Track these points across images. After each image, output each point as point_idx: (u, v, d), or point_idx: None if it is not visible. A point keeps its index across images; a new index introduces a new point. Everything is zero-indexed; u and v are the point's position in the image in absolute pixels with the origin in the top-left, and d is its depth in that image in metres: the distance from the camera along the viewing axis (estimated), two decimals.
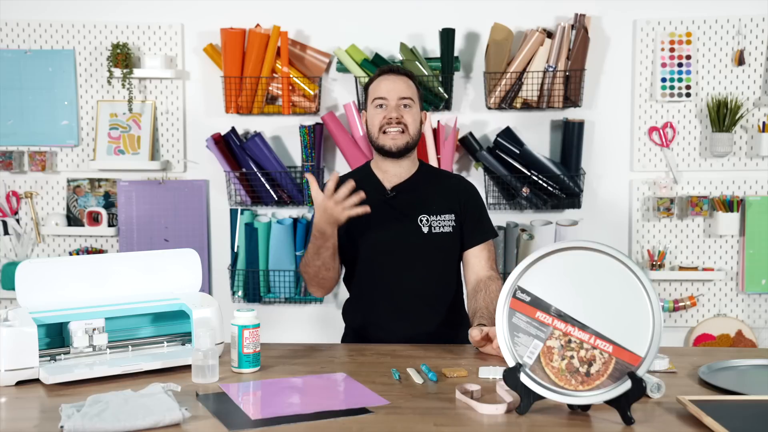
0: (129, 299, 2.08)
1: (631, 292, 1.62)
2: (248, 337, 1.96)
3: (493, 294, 2.29)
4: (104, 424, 1.54)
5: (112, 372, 1.91)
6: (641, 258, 3.44)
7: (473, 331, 2.11)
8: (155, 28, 3.48)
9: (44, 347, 1.95)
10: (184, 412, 1.60)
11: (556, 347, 1.63)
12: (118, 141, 3.48)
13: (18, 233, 3.54)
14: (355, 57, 3.34)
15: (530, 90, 3.31)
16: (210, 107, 3.50)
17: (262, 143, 3.38)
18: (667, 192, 3.38)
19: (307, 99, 3.40)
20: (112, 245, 3.55)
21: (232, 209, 3.48)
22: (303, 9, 3.44)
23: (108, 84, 3.45)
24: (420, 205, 2.39)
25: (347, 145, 3.36)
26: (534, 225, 3.40)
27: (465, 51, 3.43)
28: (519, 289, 1.68)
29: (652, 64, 3.39)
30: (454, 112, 3.42)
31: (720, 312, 3.45)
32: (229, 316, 2.02)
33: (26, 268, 2.01)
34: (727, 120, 3.31)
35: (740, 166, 3.41)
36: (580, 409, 1.66)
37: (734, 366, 1.99)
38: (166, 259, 2.20)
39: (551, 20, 3.37)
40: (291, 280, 3.44)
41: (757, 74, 3.38)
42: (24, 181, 3.54)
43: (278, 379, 1.92)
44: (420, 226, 2.37)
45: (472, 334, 2.11)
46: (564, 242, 1.68)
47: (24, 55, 3.49)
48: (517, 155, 3.32)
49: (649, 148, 3.42)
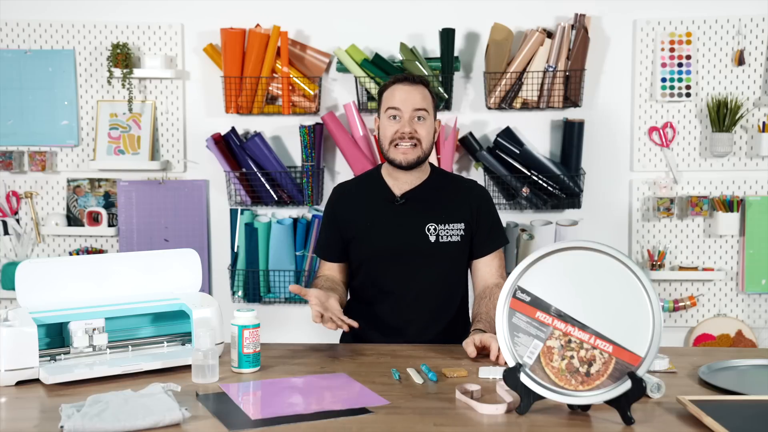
0: (129, 299, 2.08)
1: (631, 292, 1.62)
2: (248, 337, 1.96)
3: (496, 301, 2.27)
4: (104, 424, 1.54)
5: (112, 372, 1.91)
6: (641, 258, 3.44)
7: (468, 348, 2.07)
8: (155, 28, 3.48)
9: (44, 347, 1.95)
10: (184, 412, 1.60)
11: (556, 347, 1.64)
12: (118, 141, 3.48)
13: (18, 233, 3.54)
14: (355, 57, 3.34)
15: (530, 90, 3.31)
16: (210, 107, 3.50)
17: (262, 143, 3.38)
18: (667, 192, 3.38)
19: (307, 99, 3.40)
20: (112, 245, 3.55)
21: (232, 209, 3.48)
22: (303, 9, 3.44)
23: (108, 84, 3.45)
24: (429, 213, 2.35)
25: (347, 145, 3.36)
26: (534, 225, 3.40)
27: (465, 51, 3.43)
28: (519, 289, 1.68)
29: (652, 64, 3.39)
30: (454, 112, 3.42)
31: (720, 312, 3.45)
32: (229, 316, 2.02)
33: (26, 268, 2.01)
34: (727, 120, 3.31)
35: (740, 166, 3.41)
36: (580, 409, 1.66)
37: (734, 366, 1.99)
38: (166, 259, 2.20)
39: (551, 20, 3.37)
40: (291, 280, 3.44)
41: (757, 74, 3.38)
42: (24, 181, 3.54)
43: (278, 379, 1.92)
44: (427, 234, 2.34)
45: (468, 351, 2.07)
46: (564, 242, 1.68)
47: (24, 55, 3.49)
48: (517, 155, 3.32)
49: (649, 148, 3.42)
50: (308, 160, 3.37)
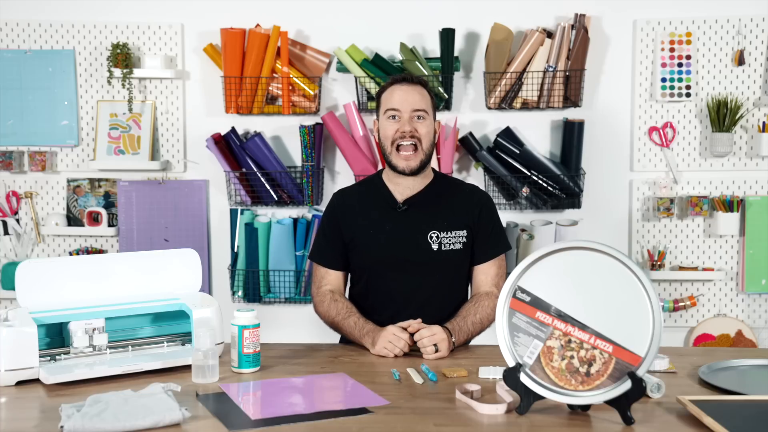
0: (129, 299, 2.08)
1: (631, 292, 1.62)
2: (248, 337, 1.96)
3: (479, 308, 2.28)
4: (104, 424, 1.54)
5: (112, 372, 1.91)
6: (641, 258, 3.44)
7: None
8: (155, 28, 3.48)
9: (44, 347, 1.95)
10: (184, 412, 1.61)
11: (556, 347, 1.64)
12: (118, 141, 3.48)
13: (18, 233, 3.54)
14: (355, 57, 3.34)
15: (530, 90, 3.31)
16: (210, 107, 3.50)
17: (262, 143, 3.38)
18: (667, 192, 3.38)
19: (307, 99, 3.41)
20: (112, 245, 3.55)
21: (232, 209, 3.48)
22: (303, 9, 3.44)
23: (108, 84, 3.45)
24: (431, 220, 2.33)
25: (347, 145, 3.36)
26: (534, 225, 3.40)
27: (465, 51, 3.43)
28: (519, 289, 1.68)
29: (652, 64, 3.40)
30: (454, 112, 3.42)
31: (720, 312, 3.45)
32: (229, 316, 2.02)
33: (26, 268, 2.02)
34: (727, 120, 3.31)
35: (740, 166, 3.41)
36: (580, 409, 1.66)
37: (734, 366, 1.99)
38: (166, 259, 2.20)
39: (551, 20, 3.37)
40: (291, 280, 3.44)
41: (757, 74, 3.38)
42: (24, 181, 3.54)
43: (278, 379, 1.92)
44: (430, 242, 2.31)
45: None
46: (564, 242, 1.68)
47: (24, 55, 3.49)
48: (517, 155, 3.32)
49: (649, 148, 3.42)
50: (308, 160, 3.37)
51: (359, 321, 2.26)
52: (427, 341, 2.11)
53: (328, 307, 2.32)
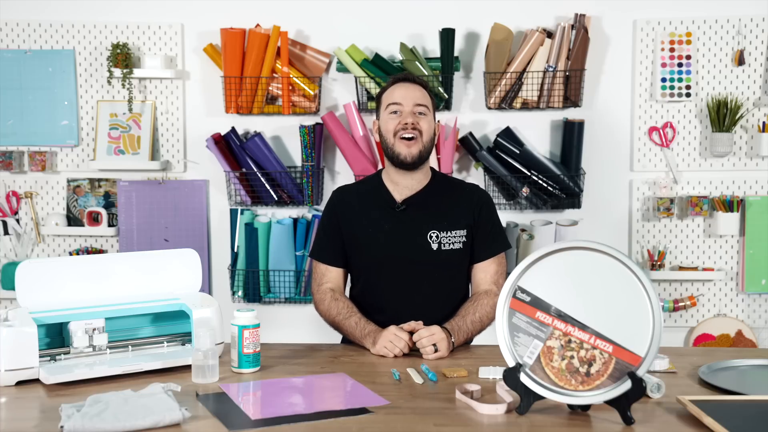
0: (129, 299, 2.08)
1: (631, 292, 1.62)
2: (248, 337, 1.96)
3: (479, 307, 2.27)
4: (104, 424, 1.54)
5: (112, 372, 1.91)
6: (641, 258, 3.44)
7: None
8: (155, 28, 3.48)
9: (44, 347, 1.95)
10: (184, 412, 1.61)
11: (556, 347, 1.64)
12: (118, 141, 3.48)
13: (18, 233, 3.54)
14: (355, 57, 3.34)
15: (530, 90, 3.31)
16: (210, 107, 3.50)
17: (262, 143, 3.38)
18: (667, 192, 3.38)
19: (307, 99, 3.41)
20: (112, 245, 3.55)
21: (232, 209, 3.48)
22: (303, 9, 3.44)
23: (108, 84, 3.45)
24: (431, 220, 2.32)
25: (347, 145, 3.36)
26: (534, 225, 3.40)
27: (465, 51, 3.43)
28: (519, 289, 1.68)
29: (652, 64, 3.40)
30: (454, 112, 3.42)
31: (720, 312, 3.45)
32: (229, 316, 2.02)
33: (26, 268, 2.01)
34: (727, 120, 3.31)
35: (740, 166, 3.41)
36: (580, 409, 1.66)
37: (734, 366, 1.99)
38: (166, 259, 2.20)
39: (551, 20, 3.37)
40: (291, 280, 3.44)
41: (757, 74, 3.38)
42: (24, 181, 3.54)
43: (278, 379, 1.92)
44: (429, 242, 2.31)
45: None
46: (564, 242, 1.68)
47: (24, 55, 3.49)
48: (517, 155, 3.32)
49: (649, 148, 3.42)
50: (308, 160, 3.37)
51: (360, 321, 2.25)
52: (426, 341, 2.10)
53: (329, 306, 2.32)
